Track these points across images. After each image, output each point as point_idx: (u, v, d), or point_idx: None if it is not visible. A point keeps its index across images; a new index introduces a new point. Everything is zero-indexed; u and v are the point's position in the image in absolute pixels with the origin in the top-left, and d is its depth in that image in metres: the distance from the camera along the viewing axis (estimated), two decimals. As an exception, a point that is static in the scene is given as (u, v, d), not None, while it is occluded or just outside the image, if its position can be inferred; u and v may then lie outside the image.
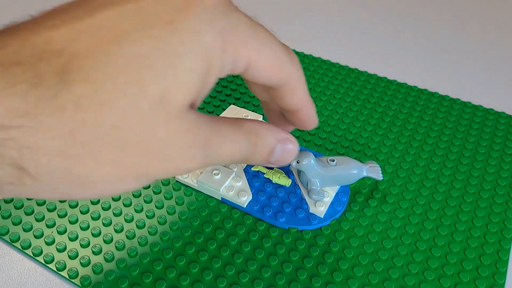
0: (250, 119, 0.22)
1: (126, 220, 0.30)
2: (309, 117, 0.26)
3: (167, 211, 0.31)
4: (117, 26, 0.16)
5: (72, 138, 0.15)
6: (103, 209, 0.31)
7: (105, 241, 0.29)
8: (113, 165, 0.17)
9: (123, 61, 0.16)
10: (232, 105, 0.36)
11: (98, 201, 0.31)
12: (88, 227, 0.30)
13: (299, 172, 0.31)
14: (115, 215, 0.30)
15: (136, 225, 0.30)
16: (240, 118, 0.22)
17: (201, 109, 0.40)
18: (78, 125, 0.15)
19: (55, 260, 0.28)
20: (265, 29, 0.21)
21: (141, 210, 0.31)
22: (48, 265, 0.27)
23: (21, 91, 0.15)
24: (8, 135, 0.15)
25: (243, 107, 0.40)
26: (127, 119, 0.16)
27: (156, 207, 0.31)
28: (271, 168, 0.33)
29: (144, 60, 0.16)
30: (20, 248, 0.28)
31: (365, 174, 0.30)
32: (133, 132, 0.16)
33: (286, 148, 0.24)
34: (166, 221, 0.30)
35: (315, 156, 0.30)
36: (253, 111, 0.39)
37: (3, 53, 0.15)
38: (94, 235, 0.29)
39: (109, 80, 0.16)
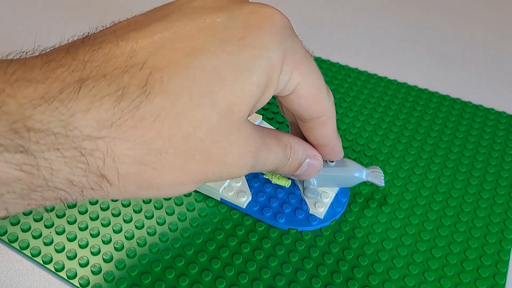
0: (286, 133, 0.24)
1: (124, 221, 0.30)
2: (334, 152, 0.27)
3: (166, 212, 0.31)
4: (194, 39, 0.17)
5: (148, 147, 0.17)
6: (102, 209, 0.31)
7: (103, 242, 0.29)
8: (180, 171, 0.18)
9: (200, 73, 0.17)
10: None
11: (97, 202, 0.31)
12: (86, 228, 0.29)
13: None
14: (113, 215, 0.30)
15: (135, 226, 0.30)
16: (278, 131, 0.24)
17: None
18: (154, 135, 0.16)
19: (54, 261, 0.27)
20: (313, 59, 0.22)
21: (140, 211, 0.31)
22: (46, 265, 0.27)
23: (108, 104, 0.16)
24: (96, 145, 0.16)
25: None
26: (198, 130, 0.17)
27: (155, 207, 0.31)
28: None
29: (218, 73, 0.17)
30: (19, 248, 0.28)
31: (365, 178, 0.30)
32: (201, 141, 0.18)
33: (312, 164, 0.26)
34: (165, 222, 0.30)
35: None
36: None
37: (90, 67, 0.16)
38: (92, 236, 0.29)
39: (186, 92, 0.17)
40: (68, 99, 0.15)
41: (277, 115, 0.40)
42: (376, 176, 0.31)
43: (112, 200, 0.31)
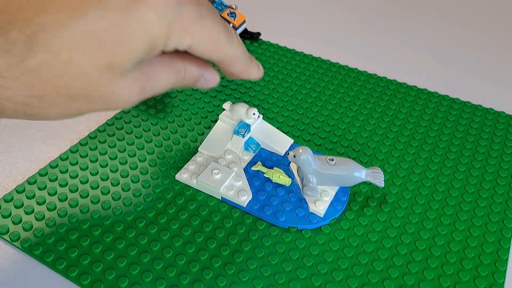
0: (184, 58, 0.26)
1: (126, 220, 0.30)
2: (247, 73, 0.30)
3: (166, 210, 0.31)
4: (81, 3, 0.20)
5: (31, 93, 0.20)
6: (103, 208, 0.31)
7: (104, 240, 0.29)
8: (63, 109, 0.21)
9: (80, 36, 0.19)
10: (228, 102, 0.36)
11: (98, 201, 0.31)
12: (88, 226, 0.30)
13: (297, 169, 0.31)
14: (115, 214, 0.30)
15: (136, 224, 0.30)
16: (174, 59, 0.26)
17: (201, 108, 0.40)
18: (36, 83, 0.20)
19: (54, 256, 0.28)
20: (213, 15, 0.24)
21: (141, 209, 0.31)
22: (46, 260, 0.27)
23: None
24: None
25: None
26: (78, 81, 0.20)
27: (156, 206, 0.31)
28: (271, 168, 0.33)
29: (98, 38, 0.20)
30: (21, 247, 0.28)
31: (364, 178, 0.30)
32: (82, 89, 0.21)
33: (207, 78, 0.29)
34: (165, 220, 0.30)
35: (316, 154, 0.30)
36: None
37: None
38: (94, 235, 0.29)
39: (66, 52, 0.19)
40: None
41: (278, 114, 0.40)
42: (375, 176, 0.31)
43: (113, 199, 0.31)
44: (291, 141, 0.36)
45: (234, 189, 0.31)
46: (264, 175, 0.32)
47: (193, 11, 0.23)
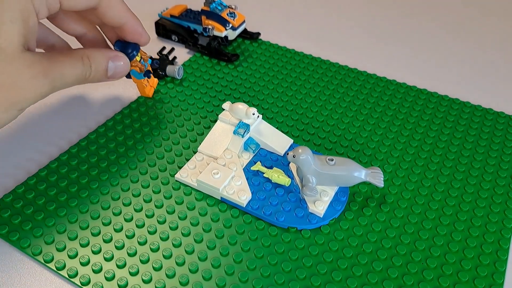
0: (82, 48, 0.31)
1: (125, 220, 0.30)
2: (136, 30, 0.33)
3: (166, 210, 0.31)
4: None
5: None
6: (103, 208, 0.31)
7: (104, 241, 0.29)
8: None
9: None
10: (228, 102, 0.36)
11: (98, 201, 0.31)
12: (87, 226, 0.30)
13: (297, 169, 0.31)
14: (114, 214, 0.30)
15: (136, 224, 0.30)
16: (72, 50, 0.29)
17: (200, 108, 0.40)
18: None
19: (53, 256, 0.28)
20: None
21: (141, 210, 0.31)
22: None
23: None
24: None
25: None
26: None
27: (156, 206, 0.31)
28: (271, 167, 0.33)
29: None
30: (20, 248, 0.28)
31: (364, 178, 0.30)
32: None
33: (117, 64, 0.31)
34: (165, 220, 0.30)
35: (315, 154, 0.30)
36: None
37: None
38: (93, 235, 0.29)
39: None
40: None
41: (277, 114, 0.40)
42: (375, 176, 0.31)
43: (113, 199, 0.31)
44: (291, 141, 0.36)
45: (234, 189, 0.31)
46: (264, 175, 0.32)
47: None
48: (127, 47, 0.34)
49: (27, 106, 0.27)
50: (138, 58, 0.36)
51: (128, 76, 0.37)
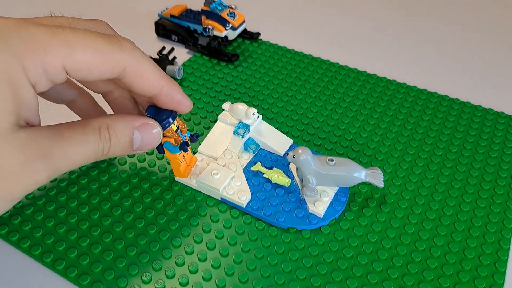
0: (100, 117, 0.23)
1: (126, 220, 0.30)
2: (172, 99, 0.26)
3: (166, 210, 0.31)
4: None
5: None
6: (102, 208, 0.31)
7: (103, 240, 0.29)
8: None
9: None
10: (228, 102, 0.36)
11: (98, 200, 0.31)
12: (87, 226, 0.30)
13: (297, 169, 0.31)
14: (113, 214, 0.30)
15: (136, 224, 0.30)
16: (86, 120, 0.22)
17: (200, 108, 0.40)
18: None
19: (53, 257, 0.28)
20: (82, 23, 0.22)
21: (141, 210, 0.31)
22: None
23: None
24: None
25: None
26: None
27: (156, 206, 0.31)
28: (270, 168, 0.33)
29: None
30: (20, 248, 0.28)
31: (364, 178, 0.30)
32: None
33: (147, 133, 0.25)
34: (165, 220, 0.30)
35: (315, 155, 0.30)
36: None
37: None
38: (93, 235, 0.29)
39: None
40: None
41: (277, 114, 0.40)
42: (375, 177, 0.31)
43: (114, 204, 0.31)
44: (291, 141, 0.36)
45: (234, 189, 0.31)
46: (264, 175, 0.32)
47: (41, 29, 0.20)
48: (161, 114, 0.27)
49: (21, 197, 0.22)
50: (174, 127, 0.28)
51: (161, 150, 0.30)
